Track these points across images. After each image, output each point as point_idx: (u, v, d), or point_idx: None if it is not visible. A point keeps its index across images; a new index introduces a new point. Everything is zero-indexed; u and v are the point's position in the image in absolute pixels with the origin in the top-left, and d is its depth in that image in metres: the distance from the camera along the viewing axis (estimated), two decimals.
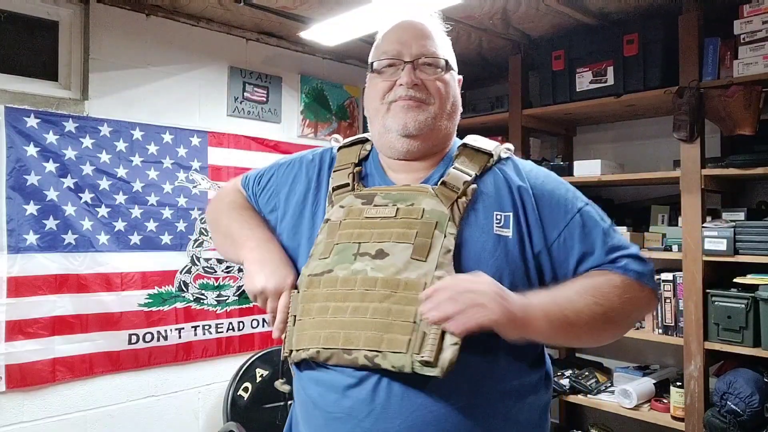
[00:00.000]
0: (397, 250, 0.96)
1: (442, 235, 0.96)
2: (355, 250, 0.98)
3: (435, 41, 1.08)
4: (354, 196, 1.06)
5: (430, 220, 0.97)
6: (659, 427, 2.59)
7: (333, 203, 1.07)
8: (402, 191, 1.03)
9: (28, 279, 2.32)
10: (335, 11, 2.49)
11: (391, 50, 1.07)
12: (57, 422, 2.39)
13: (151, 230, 2.66)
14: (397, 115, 1.05)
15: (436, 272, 0.93)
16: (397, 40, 1.07)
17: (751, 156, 2.29)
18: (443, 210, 0.98)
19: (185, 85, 2.80)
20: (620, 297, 0.98)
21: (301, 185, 1.13)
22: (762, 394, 2.20)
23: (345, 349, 0.92)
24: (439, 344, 0.87)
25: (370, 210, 1.02)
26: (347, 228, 1.02)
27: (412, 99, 1.04)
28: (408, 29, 1.09)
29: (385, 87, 1.07)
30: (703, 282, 2.38)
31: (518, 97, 3.03)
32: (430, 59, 1.06)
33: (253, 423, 2.64)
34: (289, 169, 1.18)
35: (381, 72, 1.08)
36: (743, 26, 2.30)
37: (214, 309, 2.86)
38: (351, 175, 1.09)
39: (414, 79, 1.04)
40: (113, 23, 2.56)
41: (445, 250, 0.95)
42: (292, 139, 3.20)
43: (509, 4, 2.51)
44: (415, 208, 1.00)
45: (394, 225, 0.99)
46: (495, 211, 1.01)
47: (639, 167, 2.93)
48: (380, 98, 1.07)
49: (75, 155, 2.45)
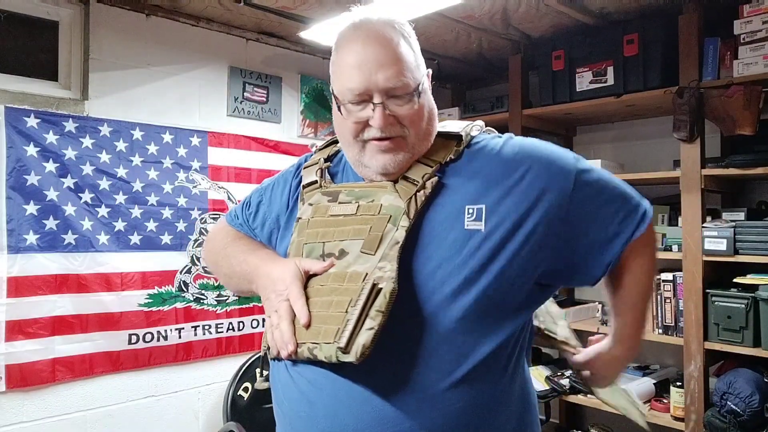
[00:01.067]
0: (353, 247, 0.96)
1: (395, 228, 0.95)
2: (320, 251, 0.99)
3: (403, 62, 0.97)
4: (321, 194, 1.06)
5: (384, 215, 0.97)
6: (659, 427, 2.59)
7: (304, 201, 1.08)
8: (364, 188, 1.03)
9: (28, 279, 2.32)
10: (335, 11, 2.49)
11: (356, 86, 0.96)
12: (57, 422, 2.39)
13: (151, 230, 2.66)
14: (374, 156, 1.00)
15: (378, 264, 0.92)
16: (359, 70, 0.96)
17: (751, 156, 2.29)
18: (399, 204, 0.97)
19: (185, 85, 2.80)
20: (653, 263, 1.10)
21: (285, 196, 1.15)
22: (762, 394, 2.20)
23: (314, 343, 0.92)
24: (355, 329, 0.86)
25: (335, 207, 1.02)
26: (314, 227, 1.03)
27: (387, 140, 0.98)
28: (371, 52, 0.96)
29: (354, 127, 0.99)
30: (703, 282, 2.38)
31: (518, 97, 3.03)
32: (401, 90, 0.97)
33: (253, 423, 2.64)
34: (275, 186, 1.19)
35: (348, 108, 0.99)
36: (743, 26, 2.30)
37: (214, 309, 2.86)
38: (319, 171, 1.10)
39: (386, 120, 0.96)
40: (113, 23, 2.56)
41: (393, 242, 0.93)
42: (292, 139, 3.20)
43: (509, 4, 2.51)
44: (374, 205, 0.99)
45: (353, 222, 0.99)
46: (466, 204, 0.95)
47: (639, 167, 2.93)
48: (352, 136, 1.00)
49: (75, 155, 2.45)
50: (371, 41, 0.98)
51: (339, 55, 1.02)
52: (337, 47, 1.03)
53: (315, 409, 0.95)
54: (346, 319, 0.87)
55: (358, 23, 1.02)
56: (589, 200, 0.98)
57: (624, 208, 1.00)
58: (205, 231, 2.83)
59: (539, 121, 3.08)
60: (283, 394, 1.02)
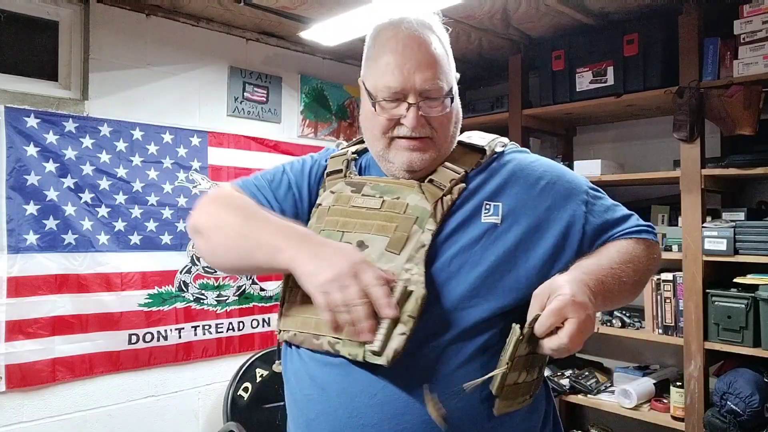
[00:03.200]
0: (376, 242, 0.97)
1: (421, 230, 0.97)
2: (338, 239, 0.99)
3: (439, 65, 1.01)
4: (345, 183, 1.07)
5: (410, 216, 0.98)
6: (659, 427, 2.59)
7: (325, 188, 1.09)
8: (390, 184, 1.04)
9: (28, 279, 2.32)
10: (335, 11, 2.49)
11: (394, 85, 0.99)
12: (57, 422, 2.39)
13: (151, 230, 2.66)
14: (400, 153, 1.03)
15: (405, 265, 0.93)
16: (398, 70, 0.99)
17: (751, 156, 2.29)
18: (426, 206, 0.99)
19: (185, 85, 2.80)
20: (647, 259, 1.07)
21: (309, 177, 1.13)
22: (762, 394, 2.20)
23: (314, 335, 0.95)
24: (388, 334, 0.86)
25: (357, 199, 1.03)
26: (334, 215, 1.03)
27: (416, 139, 1.01)
28: (410, 54, 0.99)
29: (386, 123, 1.02)
30: (703, 282, 2.38)
31: (518, 97, 3.03)
32: (435, 93, 1.00)
33: (253, 423, 2.64)
34: (302, 165, 1.16)
35: (381, 105, 1.01)
36: (743, 26, 2.30)
37: (214, 309, 2.86)
38: (345, 161, 1.10)
39: (419, 121, 1.00)
40: (113, 23, 2.56)
41: (419, 245, 0.95)
42: (292, 139, 3.20)
43: (509, 4, 2.51)
44: (399, 202, 1.00)
45: (377, 217, 1.00)
46: (485, 201, 1.01)
47: (639, 167, 2.93)
48: (381, 132, 1.03)
49: (75, 155, 2.45)
50: (411, 42, 1.00)
51: (376, 51, 1.04)
52: (374, 42, 1.05)
53: (327, 394, 0.95)
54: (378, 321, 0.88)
55: (397, 21, 1.03)
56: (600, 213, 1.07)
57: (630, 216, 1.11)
58: None
59: (539, 121, 3.08)
60: (295, 380, 1.03)
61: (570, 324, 0.84)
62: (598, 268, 0.98)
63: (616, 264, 1.00)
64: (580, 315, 0.85)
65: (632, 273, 1.02)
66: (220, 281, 2.88)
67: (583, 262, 0.99)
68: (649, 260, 1.07)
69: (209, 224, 1.04)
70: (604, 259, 1.01)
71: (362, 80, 1.07)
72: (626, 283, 1.01)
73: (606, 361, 3.07)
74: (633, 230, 1.07)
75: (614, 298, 1.01)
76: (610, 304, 1.01)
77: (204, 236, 1.05)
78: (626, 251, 1.04)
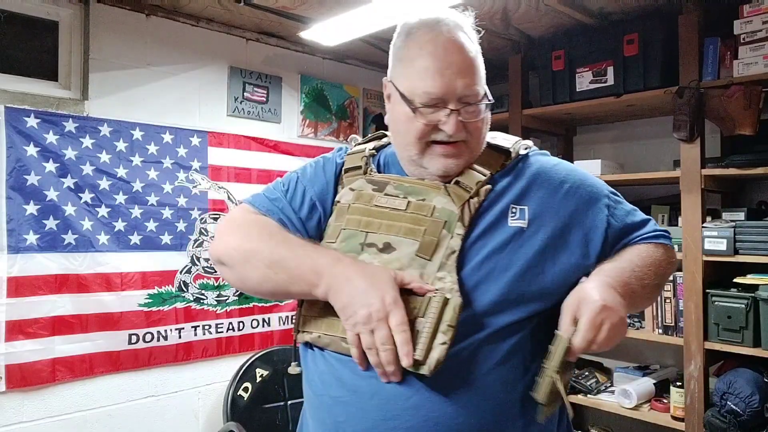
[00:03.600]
0: (404, 246, 0.96)
1: (450, 235, 0.96)
2: (362, 240, 0.98)
3: (477, 71, 1.01)
4: (365, 181, 1.05)
5: (439, 219, 0.97)
6: (659, 427, 2.59)
7: (343, 185, 1.06)
8: (415, 185, 1.03)
9: (28, 279, 2.32)
10: (335, 11, 2.49)
11: (435, 91, 0.97)
12: (57, 422, 2.39)
13: (151, 230, 2.66)
14: (436, 159, 1.01)
15: (438, 273, 0.94)
16: (439, 75, 0.97)
17: (751, 156, 2.29)
18: (453, 209, 0.98)
19: (185, 85, 2.80)
20: (666, 263, 1.10)
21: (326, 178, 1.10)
22: (762, 394, 2.20)
23: (343, 338, 0.93)
24: (429, 343, 0.87)
25: (381, 198, 1.01)
26: (355, 213, 1.01)
27: (451, 145, 1.00)
28: (450, 58, 0.98)
29: (424, 129, 1.00)
30: (703, 282, 2.38)
31: (518, 97, 3.03)
32: (473, 99, 1.00)
33: (253, 423, 2.64)
34: (314, 170, 1.12)
35: (420, 110, 0.99)
36: (743, 26, 2.30)
37: (214, 309, 2.86)
38: (364, 158, 1.08)
39: (459, 126, 0.99)
40: (113, 23, 2.56)
41: (450, 251, 0.95)
42: (292, 139, 3.20)
43: (509, 4, 2.51)
44: (426, 204, 0.99)
45: (403, 219, 0.98)
46: (511, 204, 1.01)
47: (639, 167, 2.93)
48: (417, 137, 1.00)
49: (75, 155, 2.45)
50: (451, 46, 0.99)
51: (411, 53, 1.01)
52: (406, 43, 1.03)
53: (359, 396, 0.94)
54: (416, 329, 0.88)
55: (433, 23, 1.01)
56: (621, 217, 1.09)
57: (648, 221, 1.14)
58: (205, 231, 2.83)
59: (539, 121, 3.08)
60: (320, 383, 1.01)
61: (604, 330, 0.89)
62: (622, 271, 1.00)
63: (638, 267, 1.03)
64: (613, 319, 0.89)
65: (653, 276, 1.05)
66: (220, 281, 2.88)
67: (606, 266, 1.01)
68: (668, 264, 1.11)
69: (235, 258, 1.02)
70: (626, 262, 1.03)
71: (391, 81, 1.05)
72: (648, 286, 1.04)
73: (606, 361, 3.07)
74: (651, 235, 1.10)
75: (638, 301, 1.04)
76: (633, 307, 1.03)
77: (230, 268, 1.03)
78: (647, 255, 1.06)
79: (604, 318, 0.89)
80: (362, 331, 0.88)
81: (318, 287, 0.92)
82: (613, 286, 0.95)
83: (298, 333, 1.02)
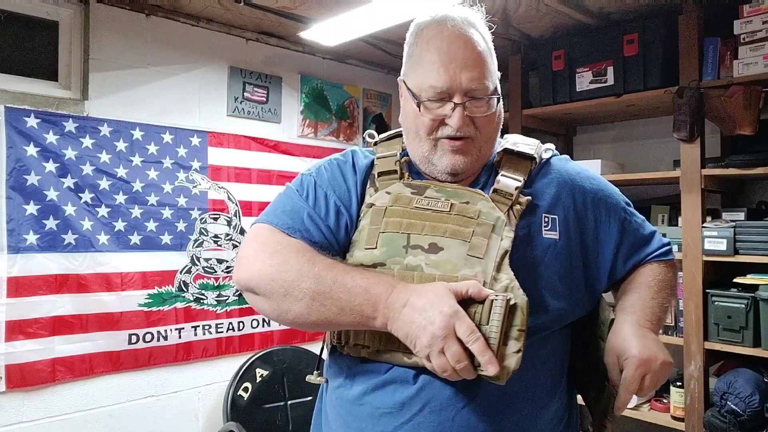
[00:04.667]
0: (453, 246, 0.94)
1: (499, 237, 0.95)
2: (404, 242, 0.95)
3: (485, 64, 1.00)
4: (403, 185, 1.02)
5: (486, 222, 0.96)
6: (659, 427, 2.59)
7: (377, 188, 1.03)
8: (457, 189, 1.01)
9: (28, 279, 2.32)
10: (335, 11, 2.49)
11: (440, 85, 0.97)
12: (57, 422, 2.39)
13: (151, 230, 2.66)
14: (445, 155, 1.01)
15: (497, 274, 0.91)
16: (444, 69, 0.97)
17: (751, 156, 2.29)
18: (500, 215, 0.97)
19: (185, 85, 2.80)
20: (675, 280, 1.14)
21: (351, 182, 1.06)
22: (762, 394, 2.20)
23: (405, 352, 0.91)
24: (498, 351, 0.84)
25: (421, 200, 0.99)
26: (394, 216, 0.98)
27: (460, 140, 1.00)
28: (456, 52, 0.98)
29: (431, 124, 1.00)
30: (703, 282, 2.38)
31: (518, 97, 3.03)
32: (480, 93, 0.99)
33: (253, 423, 2.64)
34: (332, 175, 1.07)
35: (426, 105, 0.99)
36: (743, 26, 2.30)
37: (214, 309, 2.85)
38: (398, 163, 1.05)
39: (464, 120, 0.98)
40: (113, 23, 2.56)
41: (503, 251, 0.93)
42: (292, 139, 3.20)
43: (509, 4, 2.51)
44: (470, 208, 0.98)
45: (449, 220, 0.96)
46: (543, 214, 1.01)
47: (639, 167, 2.93)
48: (426, 133, 1.00)
49: (75, 155, 2.45)
50: (456, 40, 0.99)
51: (419, 50, 1.01)
52: (416, 40, 1.03)
53: (410, 408, 0.92)
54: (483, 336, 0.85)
55: (441, 19, 1.01)
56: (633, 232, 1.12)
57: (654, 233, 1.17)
58: (205, 231, 2.83)
59: (539, 121, 3.08)
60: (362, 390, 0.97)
61: (647, 380, 0.94)
62: (646, 303, 1.06)
63: (658, 295, 1.08)
64: (654, 368, 0.94)
65: (670, 297, 1.10)
66: (220, 281, 2.88)
67: (631, 300, 1.07)
68: (676, 280, 1.16)
69: (273, 289, 0.93)
70: (648, 291, 1.08)
71: (403, 80, 1.05)
72: (667, 308, 1.10)
73: None
74: (661, 252, 1.14)
75: (661, 324, 1.10)
76: (658, 331, 1.07)
77: (267, 299, 0.95)
78: (662, 278, 1.10)
79: (644, 371, 0.94)
80: (433, 354, 0.83)
81: (375, 319, 0.87)
82: (645, 326, 1.00)
83: (343, 345, 0.98)
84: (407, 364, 0.92)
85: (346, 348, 0.99)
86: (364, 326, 0.90)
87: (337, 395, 1.02)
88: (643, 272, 1.10)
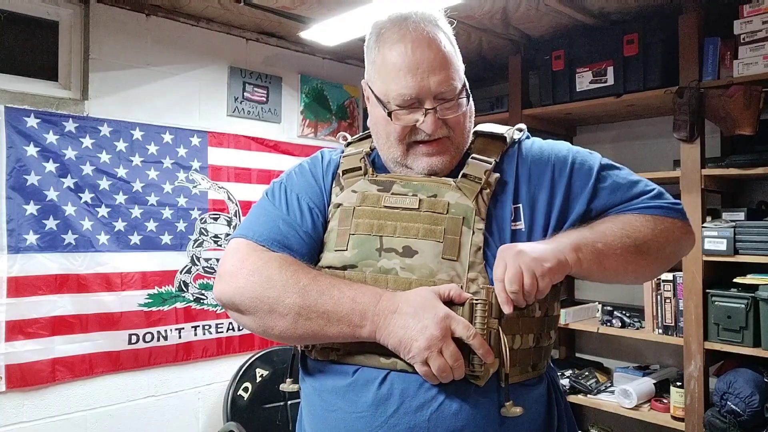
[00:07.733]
0: (427, 248, 0.93)
1: (470, 231, 0.94)
2: (377, 245, 0.94)
3: (451, 64, 0.98)
4: (368, 181, 1.01)
5: (456, 215, 0.95)
6: (659, 427, 2.59)
7: (343, 187, 1.02)
8: (423, 182, 0.99)
9: (28, 279, 2.32)
10: (335, 11, 2.49)
11: (408, 92, 0.95)
12: (57, 422, 2.39)
13: (151, 230, 2.66)
14: (420, 158, 1.00)
15: (469, 274, 0.91)
16: (411, 75, 0.94)
17: (751, 156, 2.29)
18: (468, 204, 0.96)
19: (185, 85, 2.80)
20: (652, 229, 1.01)
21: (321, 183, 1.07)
22: (762, 394, 2.20)
23: (382, 354, 0.90)
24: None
25: (389, 198, 0.98)
26: (363, 216, 0.97)
27: (434, 142, 0.99)
28: (421, 56, 0.95)
29: (402, 130, 0.98)
30: (703, 282, 2.38)
31: (518, 97, 3.03)
32: (450, 94, 0.97)
33: (253, 423, 2.64)
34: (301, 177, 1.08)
35: (396, 113, 0.97)
36: (743, 26, 2.29)
37: (214, 309, 2.85)
38: (363, 159, 1.04)
39: (437, 125, 0.97)
40: (113, 23, 2.56)
41: (476, 248, 0.93)
42: (292, 139, 3.20)
43: (509, 4, 2.51)
44: (439, 201, 0.96)
45: (420, 219, 0.95)
46: (512, 203, 0.99)
47: (639, 167, 2.92)
48: (397, 139, 0.99)
49: (75, 155, 2.45)
50: (420, 43, 0.95)
51: (382, 55, 0.99)
52: (378, 45, 1.00)
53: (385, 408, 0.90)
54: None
55: (400, 20, 0.99)
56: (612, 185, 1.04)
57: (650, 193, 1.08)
58: (205, 231, 2.83)
59: (539, 121, 3.08)
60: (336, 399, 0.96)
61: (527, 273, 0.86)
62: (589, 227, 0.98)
63: (596, 224, 0.98)
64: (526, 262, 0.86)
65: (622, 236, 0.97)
66: None
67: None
68: (656, 232, 1.02)
69: (256, 306, 0.92)
70: (600, 222, 0.99)
71: (367, 83, 1.03)
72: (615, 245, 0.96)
73: (606, 361, 3.07)
74: (643, 206, 1.04)
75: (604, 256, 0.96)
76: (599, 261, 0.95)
77: (251, 316, 0.94)
78: (630, 220, 1.00)
79: (510, 261, 0.87)
80: (432, 356, 0.84)
81: (363, 328, 0.87)
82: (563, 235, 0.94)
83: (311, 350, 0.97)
84: (382, 366, 0.91)
85: (313, 352, 0.98)
86: (351, 337, 0.89)
87: (309, 402, 1.01)
88: (613, 216, 1.01)
